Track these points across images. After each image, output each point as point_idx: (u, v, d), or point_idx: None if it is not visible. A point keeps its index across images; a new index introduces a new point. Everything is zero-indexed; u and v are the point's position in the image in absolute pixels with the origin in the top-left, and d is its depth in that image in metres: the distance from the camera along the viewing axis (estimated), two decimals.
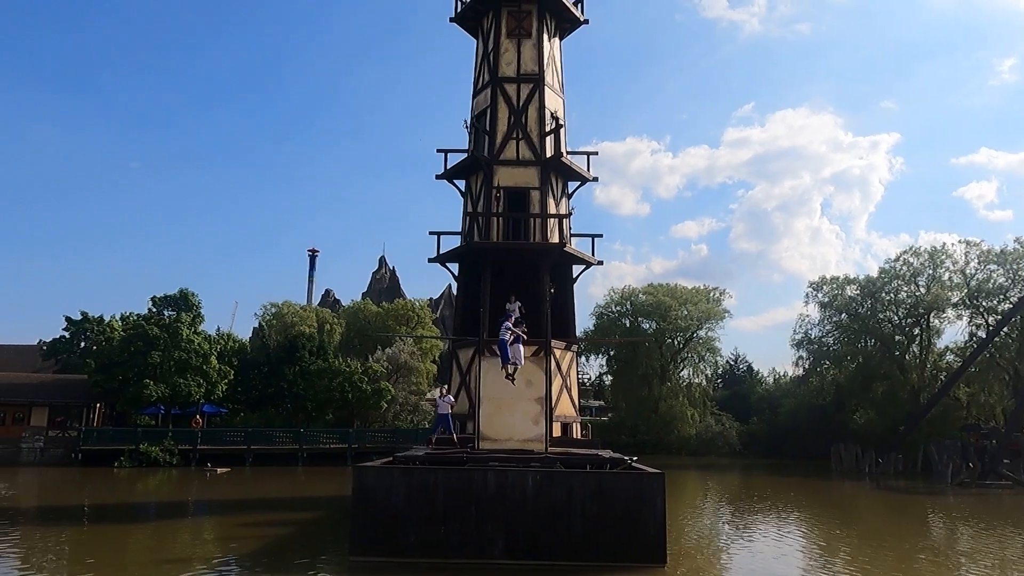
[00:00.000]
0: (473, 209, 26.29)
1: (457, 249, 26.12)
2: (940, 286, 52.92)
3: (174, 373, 42.84)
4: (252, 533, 19.49)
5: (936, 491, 34.85)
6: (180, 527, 21.71)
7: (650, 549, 15.43)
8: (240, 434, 43.73)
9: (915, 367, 54.30)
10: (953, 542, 21.30)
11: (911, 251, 55.14)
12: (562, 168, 26.46)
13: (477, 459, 18.26)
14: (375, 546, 15.50)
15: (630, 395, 66.87)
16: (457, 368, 26.26)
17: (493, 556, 15.29)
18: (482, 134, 26.41)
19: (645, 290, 69.65)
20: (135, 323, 45.79)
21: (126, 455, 39.57)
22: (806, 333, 60.22)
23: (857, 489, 36.61)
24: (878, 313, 55.55)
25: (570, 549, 15.37)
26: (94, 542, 18.66)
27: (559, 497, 15.79)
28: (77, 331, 51.30)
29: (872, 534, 22.30)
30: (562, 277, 26.42)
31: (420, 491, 15.89)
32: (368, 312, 68.57)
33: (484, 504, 15.72)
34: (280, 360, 49.17)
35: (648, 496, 15.82)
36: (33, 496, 29.12)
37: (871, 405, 54.54)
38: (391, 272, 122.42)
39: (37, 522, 22.11)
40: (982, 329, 50.87)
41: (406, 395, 52.71)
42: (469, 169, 26.90)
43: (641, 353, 65.60)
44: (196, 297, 48.05)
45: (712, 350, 69.48)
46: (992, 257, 51.62)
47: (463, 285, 26.87)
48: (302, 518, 23.43)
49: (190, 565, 15.83)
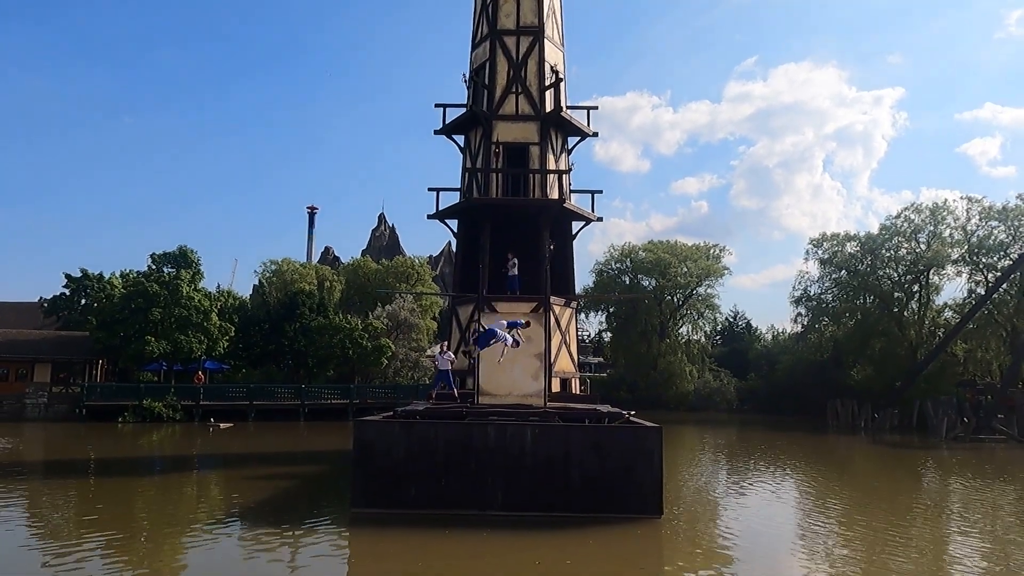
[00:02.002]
0: (472, 165, 26.07)
1: (456, 205, 25.98)
2: (941, 243, 52.79)
3: (175, 330, 43.00)
4: (256, 486, 19.79)
5: (930, 445, 35.31)
6: (185, 481, 22.04)
7: (647, 501, 15.69)
8: (243, 390, 44.14)
9: (913, 324, 54.49)
10: (946, 494, 21.64)
11: (912, 208, 54.89)
12: (562, 123, 26.15)
13: (477, 414, 18.45)
14: (376, 499, 15.75)
15: (629, 351, 67.30)
16: (457, 324, 26.35)
17: (493, 508, 15.54)
18: (481, 88, 26.05)
19: (645, 247, 69.54)
20: (135, 280, 45.79)
21: (130, 410, 39.97)
22: (805, 290, 60.29)
23: (852, 444, 37.08)
24: (878, 270, 55.54)
25: (568, 501, 15.62)
26: (101, 496, 18.94)
27: (558, 450, 15.99)
28: (77, 288, 51.38)
29: (866, 487, 22.66)
30: (562, 233, 26.32)
31: (420, 445, 16.08)
32: (368, 269, 68.55)
33: (484, 457, 15.92)
34: (281, 317, 49.34)
35: (646, 449, 16.03)
36: (39, 451, 29.49)
37: (869, 362, 54.90)
38: (391, 229, 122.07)
39: (44, 476, 22.43)
40: (981, 286, 50.90)
41: (406, 352, 53.01)
42: (468, 124, 26.60)
43: (640, 310, 65.83)
44: (195, 254, 48.02)
45: (711, 307, 69.71)
46: (994, 213, 51.38)
47: (463, 242, 26.80)
48: (305, 472, 23.77)
49: (196, 518, 16.11)
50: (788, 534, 15.48)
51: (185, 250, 47.79)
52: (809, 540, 14.71)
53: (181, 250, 47.76)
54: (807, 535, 15.25)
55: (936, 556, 13.52)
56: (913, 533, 15.42)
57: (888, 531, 15.25)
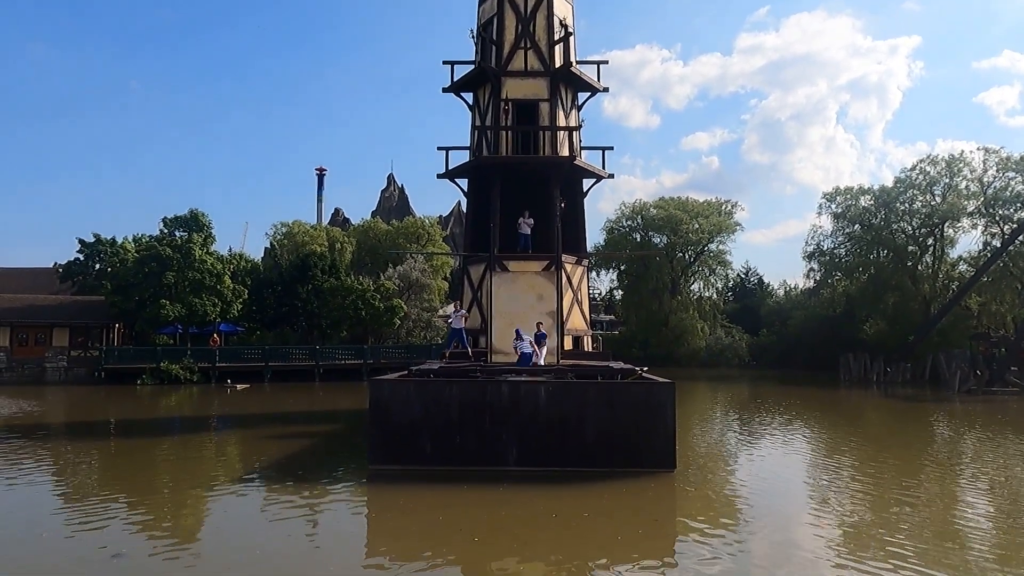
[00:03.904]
0: (481, 123, 25.83)
1: (466, 164, 25.81)
2: (956, 195, 52.15)
3: (189, 293, 43.40)
4: (274, 445, 20.15)
5: (943, 398, 35.37)
6: (205, 441, 22.45)
7: (660, 455, 15.87)
8: (258, 351, 44.70)
9: (927, 277, 54.16)
10: (957, 447, 21.76)
11: (928, 160, 54.10)
12: (572, 79, 25.78)
13: (490, 372, 18.61)
14: (393, 455, 16.01)
15: (641, 309, 67.37)
16: (469, 284, 26.40)
17: (508, 464, 15.78)
18: (489, 44, 25.66)
19: (656, 204, 69.09)
20: (148, 244, 46.11)
21: (148, 373, 40.59)
22: (818, 245, 59.90)
23: (864, 398, 37.19)
24: (892, 223, 55.02)
25: (583, 456, 15.82)
26: (123, 457, 19.36)
27: (571, 407, 16.15)
28: (91, 253, 51.81)
29: (877, 440, 22.80)
30: (572, 191, 26.15)
31: (435, 403, 16.27)
32: (378, 230, 68.61)
33: (498, 415, 16.11)
34: (293, 279, 49.64)
35: (658, 404, 16.16)
36: (61, 413, 30.06)
37: (882, 316, 54.75)
38: (400, 190, 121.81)
39: (67, 438, 22.90)
40: (997, 238, 50.38)
41: (419, 312, 53.33)
42: (476, 81, 26.27)
43: (652, 267, 65.72)
44: (206, 217, 48.28)
45: (723, 263, 69.52)
46: (1011, 164, 50.60)
47: (473, 201, 26.69)
48: (321, 431, 24.14)
49: (217, 476, 16.46)
50: (799, 486, 15.67)
51: (196, 213, 48.02)
52: (820, 492, 14.87)
53: (192, 213, 47.98)
54: (818, 487, 15.41)
55: (946, 508, 13.66)
56: (924, 486, 15.55)
57: (899, 484, 15.39)
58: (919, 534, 11.58)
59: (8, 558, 10.08)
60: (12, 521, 12.19)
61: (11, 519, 12.35)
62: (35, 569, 9.56)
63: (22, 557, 10.09)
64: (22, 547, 10.56)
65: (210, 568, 9.89)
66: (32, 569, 9.57)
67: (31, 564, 9.79)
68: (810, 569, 9.74)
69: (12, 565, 9.72)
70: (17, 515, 12.67)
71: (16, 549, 10.49)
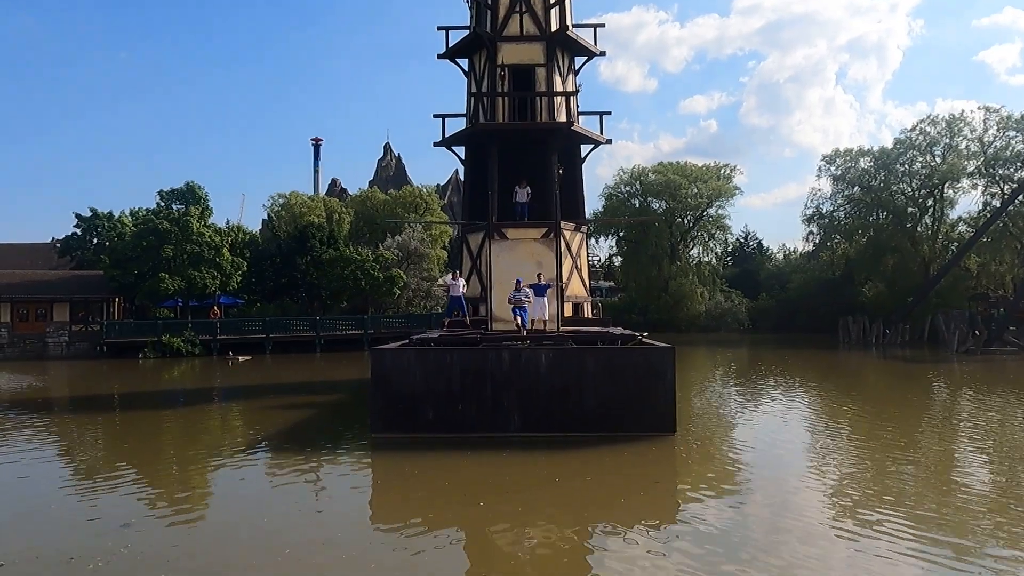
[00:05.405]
0: (477, 89, 25.57)
1: (463, 132, 25.61)
2: (956, 155, 51.92)
3: (188, 266, 43.35)
4: (278, 416, 20.30)
5: (941, 359, 35.58)
6: (209, 412, 22.61)
7: (661, 419, 16.00)
8: (259, 323, 44.80)
9: (926, 239, 54.16)
10: (955, 407, 21.94)
11: (928, 120, 53.87)
12: (568, 43, 25.47)
13: (491, 339, 18.67)
14: (395, 424, 16.13)
15: (640, 275, 67.45)
16: (468, 252, 26.37)
17: (510, 430, 15.91)
18: (484, 8, 25.29)
19: (654, 169, 68.77)
20: (145, 218, 45.91)
21: (149, 346, 40.74)
22: (817, 208, 59.87)
23: (863, 359, 37.40)
24: (891, 185, 54.87)
25: (584, 421, 15.94)
26: (128, 429, 19.50)
27: (572, 373, 16.24)
28: (88, 228, 51.63)
29: (876, 400, 22.99)
30: (570, 157, 26.00)
31: (436, 371, 16.36)
32: (376, 200, 68.25)
33: (499, 382, 16.20)
34: (292, 250, 49.57)
35: (659, 369, 16.25)
36: (64, 388, 30.22)
37: (881, 278, 54.86)
38: (397, 159, 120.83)
39: (71, 412, 23.07)
40: (997, 198, 50.29)
41: (418, 281, 53.34)
42: (472, 47, 25.95)
43: (651, 233, 65.62)
44: (203, 190, 47.98)
45: (722, 228, 69.44)
46: (1012, 123, 50.33)
47: (470, 168, 26.55)
48: (323, 401, 24.30)
49: (222, 447, 16.59)
50: (799, 448, 15.82)
51: (192, 186, 47.71)
52: (819, 453, 15.04)
53: (188, 186, 47.66)
54: (817, 448, 15.58)
55: (944, 469, 13.80)
56: (922, 445, 15.72)
57: (897, 444, 15.55)
58: (919, 493, 11.74)
59: (18, 530, 10.20)
60: (21, 494, 12.33)
61: (20, 492, 12.49)
62: (46, 541, 9.68)
63: (32, 529, 10.22)
64: (31, 520, 10.69)
65: (218, 535, 10.03)
66: (43, 541, 9.69)
67: (41, 536, 9.91)
68: (810, 529, 9.88)
69: (22, 538, 9.85)
70: (26, 488, 12.81)
71: (26, 523, 10.61)
